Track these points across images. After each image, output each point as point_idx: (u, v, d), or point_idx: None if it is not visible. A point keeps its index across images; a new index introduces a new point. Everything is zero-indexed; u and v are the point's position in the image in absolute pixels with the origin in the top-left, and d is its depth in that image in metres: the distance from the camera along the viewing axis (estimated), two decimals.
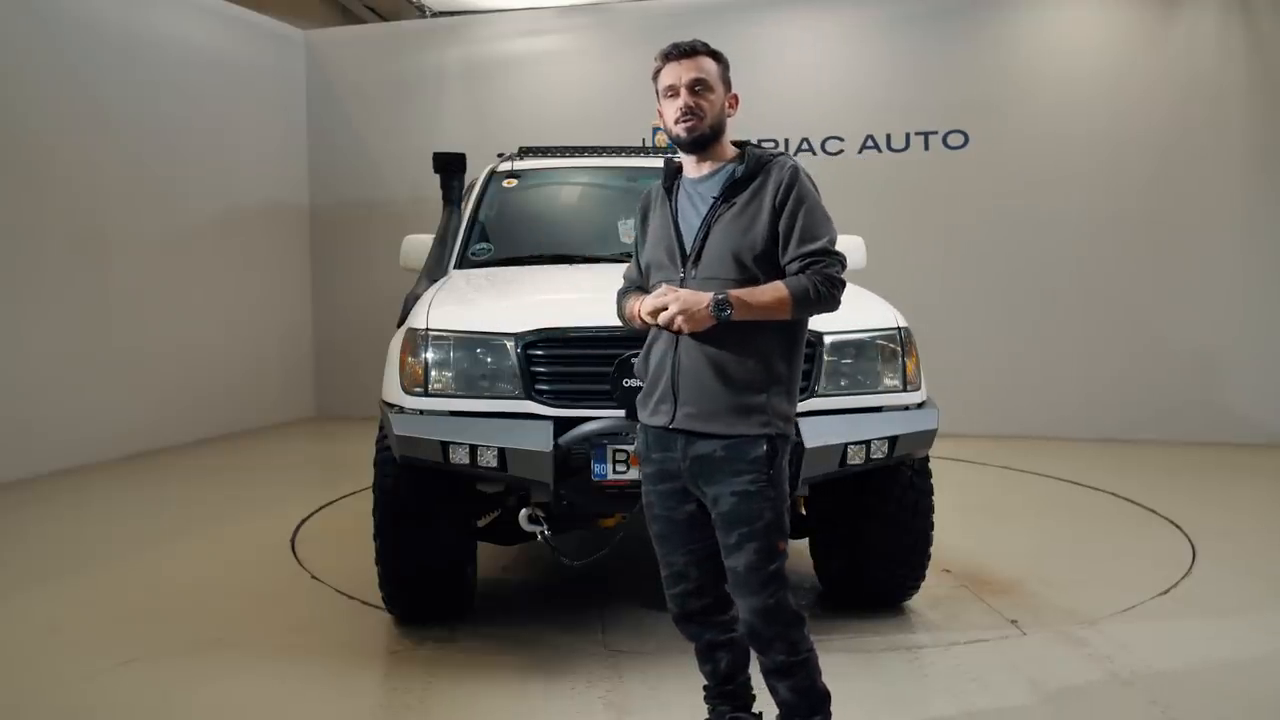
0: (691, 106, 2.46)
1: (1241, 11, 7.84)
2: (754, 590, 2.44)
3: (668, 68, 2.51)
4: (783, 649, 2.47)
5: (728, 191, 2.48)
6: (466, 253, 4.53)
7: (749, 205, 2.45)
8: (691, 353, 2.44)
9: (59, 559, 4.93)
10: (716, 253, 2.44)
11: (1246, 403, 7.84)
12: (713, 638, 2.65)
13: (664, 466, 2.55)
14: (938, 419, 3.57)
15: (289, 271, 9.63)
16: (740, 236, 2.43)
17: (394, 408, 3.52)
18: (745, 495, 2.41)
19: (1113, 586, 4.31)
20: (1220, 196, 7.90)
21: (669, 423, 2.47)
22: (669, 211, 2.57)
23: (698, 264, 2.46)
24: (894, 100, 8.47)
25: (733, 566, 2.46)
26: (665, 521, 2.60)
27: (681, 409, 2.45)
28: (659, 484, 2.58)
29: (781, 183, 2.44)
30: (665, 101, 2.52)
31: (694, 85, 2.47)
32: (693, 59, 2.49)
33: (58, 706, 3.24)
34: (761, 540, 2.42)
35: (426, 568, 3.69)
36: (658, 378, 2.52)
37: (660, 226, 2.58)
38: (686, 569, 2.60)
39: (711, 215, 2.47)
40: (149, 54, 7.93)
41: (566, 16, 9.35)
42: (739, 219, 2.44)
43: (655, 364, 2.54)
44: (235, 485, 6.77)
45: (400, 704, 3.23)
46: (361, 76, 9.76)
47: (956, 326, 8.12)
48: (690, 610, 2.63)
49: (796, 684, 2.50)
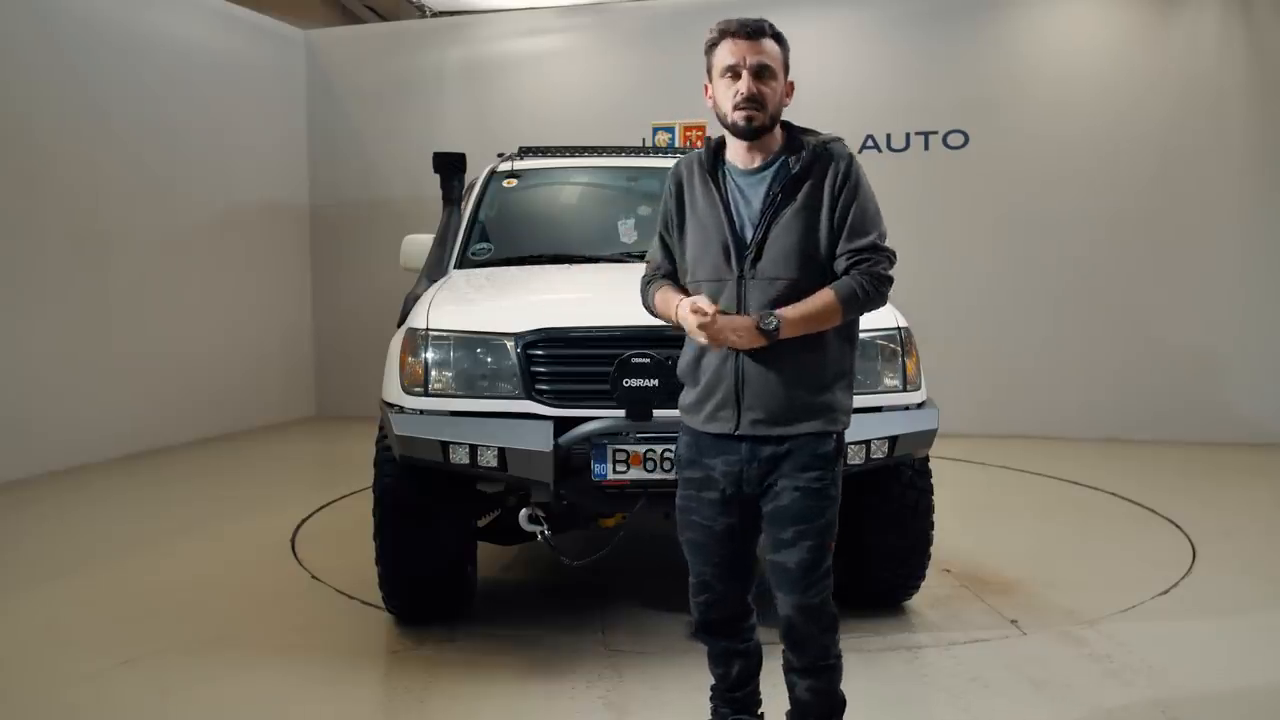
0: (754, 94, 2.31)
1: (1241, 11, 7.84)
2: (802, 588, 2.39)
3: (729, 44, 2.34)
4: (815, 650, 2.44)
5: (788, 187, 2.34)
6: (466, 253, 4.53)
7: (809, 200, 2.34)
8: (757, 356, 2.32)
9: (59, 559, 4.93)
10: (780, 252, 2.32)
11: (1246, 403, 7.84)
12: (729, 645, 2.60)
13: (710, 474, 2.43)
14: (938, 419, 3.57)
15: (289, 271, 9.62)
16: (805, 234, 2.33)
17: (394, 408, 3.52)
18: (808, 492, 2.35)
19: (1113, 586, 4.31)
20: (1220, 196, 7.90)
21: (734, 430, 2.36)
22: (717, 200, 2.40)
23: (758, 263, 2.33)
24: (894, 100, 8.47)
25: (782, 562, 2.39)
26: (703, 530, 2.48)
27: (747, 415, 2.35)
28: (702, 491, 2.46)
29: (839, 174, 2.35)
30: (720, 80, 2.35)
31: (758, 70, 2.32)
32: (758, 40, 2.33)
33: (58, 706, 3.24)
34: (817, 539, 2.38)
35: (426, 568, 3.69)
36: (715, 384, 2.39)
37: (709, 217, 2.41)
38: (715, 581, 2.51)
39: (772, 212, 2.34)
40: (149, 54, 7.93)
41: (566, 16, 9.35)
42: (801, 215, 2.33)
43: (711, 370, 2.40)
44: (235, 485, 6.77)
45: (400, 704, 3.23)
46: (361, 76, 9.76)
47: (957, 326, 8.12)
48: (713, 620, 2.57)
49: (818, 686, 2.47)
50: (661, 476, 3.20)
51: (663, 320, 2.56)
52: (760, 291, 2.33)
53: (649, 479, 3.22)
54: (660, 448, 3.20)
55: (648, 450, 3.21)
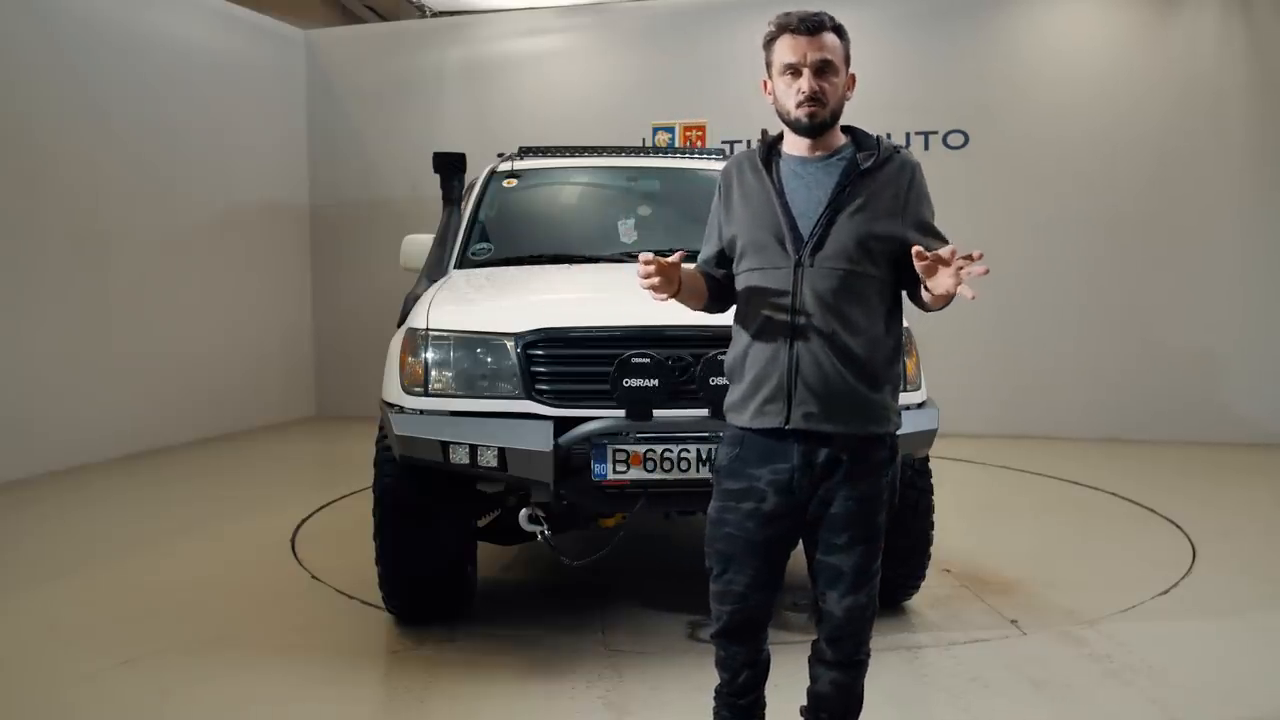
0: (816, 92, 2.27)
1: (1241, 12, 7.85)
2: (856, 589, 2.38)
3: (789, 40, 2.29)
4: (851, 645, 2.44)
5: (856, 181, 2.32)
6: (466, 253, 4.53)
7: (876, 197, 2.32)
8: (812, 345, 2.27)
9: (59, 559, 4.93)
10: (842, 241, 2.28)
11: (1246, 403, 7.84)
12: (744, 652, 2.53)
13: (755, 484, 2.34)
14: (938, 419, 3.57)
15: (289, 271, 9.62)
16: (867, 227, 2.30)
17: (394, 407, 3.52)
18: (864, 499, 2.33)
19: (1113, 586, 4.31)
20: (1220, 197, 7.90)
21: (784, 424, 2.28)
22: (770, 188, 2.36)
23: (818, 251, 2.28)
24: (894, 100, 8.45)
25: (836, 565, 2.36)
26: (739, 543, 2.38)
27: (798, 408, 2.27)
28: (741, 502, 2.36)
29: (909, 180, 2.36)
30: (780, 78, 2.31)
31: (820, 67, 2.27)
32: (819, 36, 2.28)
33: (58, 706, 3.24)
34: (873, 542, 2.37)
35: (426, 568, 3.69)
36: (764, 376, 2.31)
37: (761, 205, 2.36)
38: (748, 592, 2.41)
39: (837, 202, 2.30)
40: (149, 54, 7.93)
41: (566, 16, 9.35)
42: (866, 210, 2.30)
43: (762, 362, 2.31)
44: (235, 485, 6.77)
45: (400, 704, 3.23)
46: (361, 76, 9.77)
47: (956, 326, 8.08)
48: (736, 629, 2.49)
49: (843, 680, 2.46)
50: (661, 476, 3.21)
51: (688, 304, 2.48)
52: (817, 279, 2.29)
53: (649, 479, 3.21)
54: (660, 448, 3.20)
55: (648, 450, 3.21)
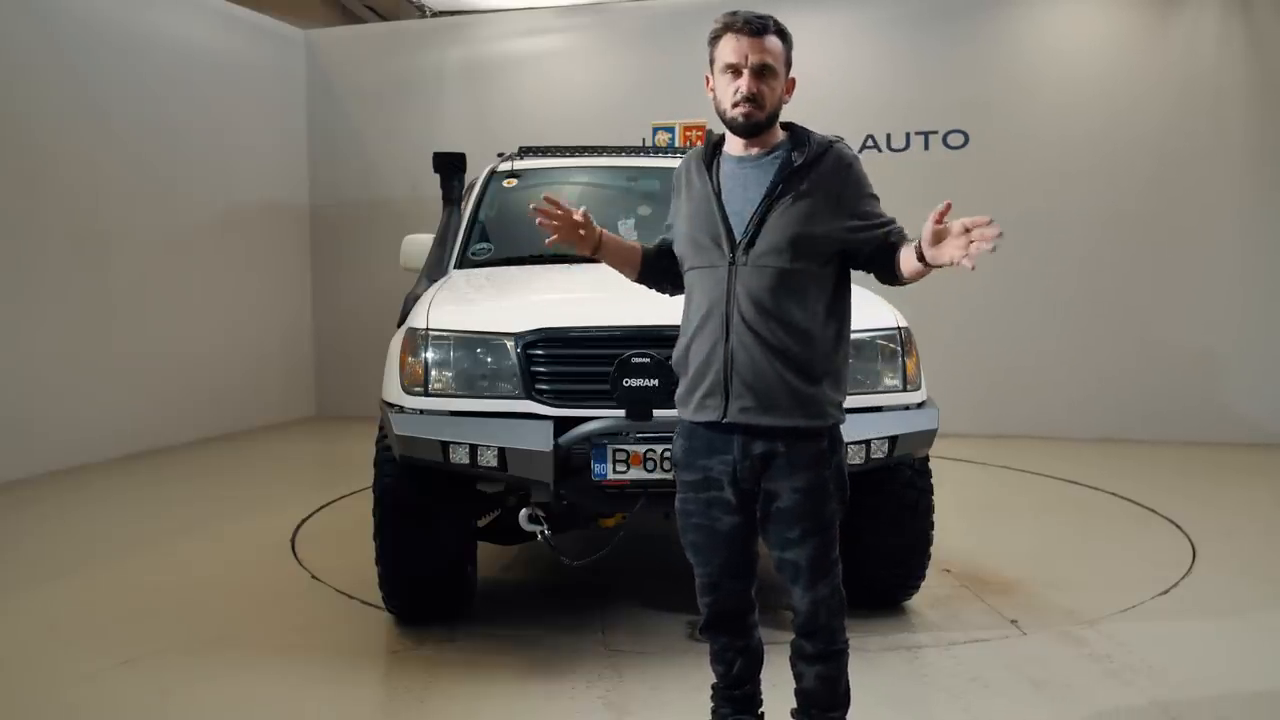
0: (754, 94, 2.31)
1: (1241, 12, 7.84)
2: (816, 582, 2.41)
3: (731, 40, 2.33)
4: (825, 637, 2.46)
5: (789, 178, 2.35)
6: (466, 252, 4.53)
7: (810, 193, 2.34)
8: (745, 341, 2.32)
9: (59, 559, 4.93)
10: (774, 239, 2.33)
11: (1246, 403, 7.84)
12: (731, 641, 2.59)
13: (709, 474, 2.42)
14: (938, 419, 3.58)
15: (289, 271, 9.62)
16: (801, 224, 2.33)
17: (394, 407, 3.52)
18: (808, 491, 2.36)
19: (1113, 586, 4.31)
20: (1220, 196, 7.90)
21: (721, 417, 2.35)
22: (710, 190, 2.42)
23: (750, 249, 2.33)
24: (894, 100, 8.47)
25: (793, 560, 2.41)
26: (705, 531, 2.48)
27: (735, 402, 2.33)
28: (701, 492, 2.45)
29: (844, 173, 2.38)
30: (721, 76, 2.36)
31: (760, 69, 2.31)
32: (761, 38, 2.32)
33: (58, 706, 3.24)
34: (823, 534, 2.40)
35: (426, 567, 3.69)
36: (704, 370, 2.38)
37: (700, 205, 2.43)
38: (721, 579, 2.51)
39: (769, 200, 2.35)
40: (149, 54, 7.92)
41: (566, 16, 9.35)
42: (800, 207, 2.33)
43: (702, 356, 2.38)
44: (235, 485, 6.77)
45: (400, 704, 3.23)
46: (361, 76, 9.76)
47: (956, 326, 8.12)
48: (720, 619, 2.56)
49: (826, 672, 2.48)
50: (661, 476, 3.20)
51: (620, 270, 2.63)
52: (751, 277, 2.33)
53: (649, 479, 3.22)
54: (660, 448, 3.20)
55: (648, 450, 3.22)
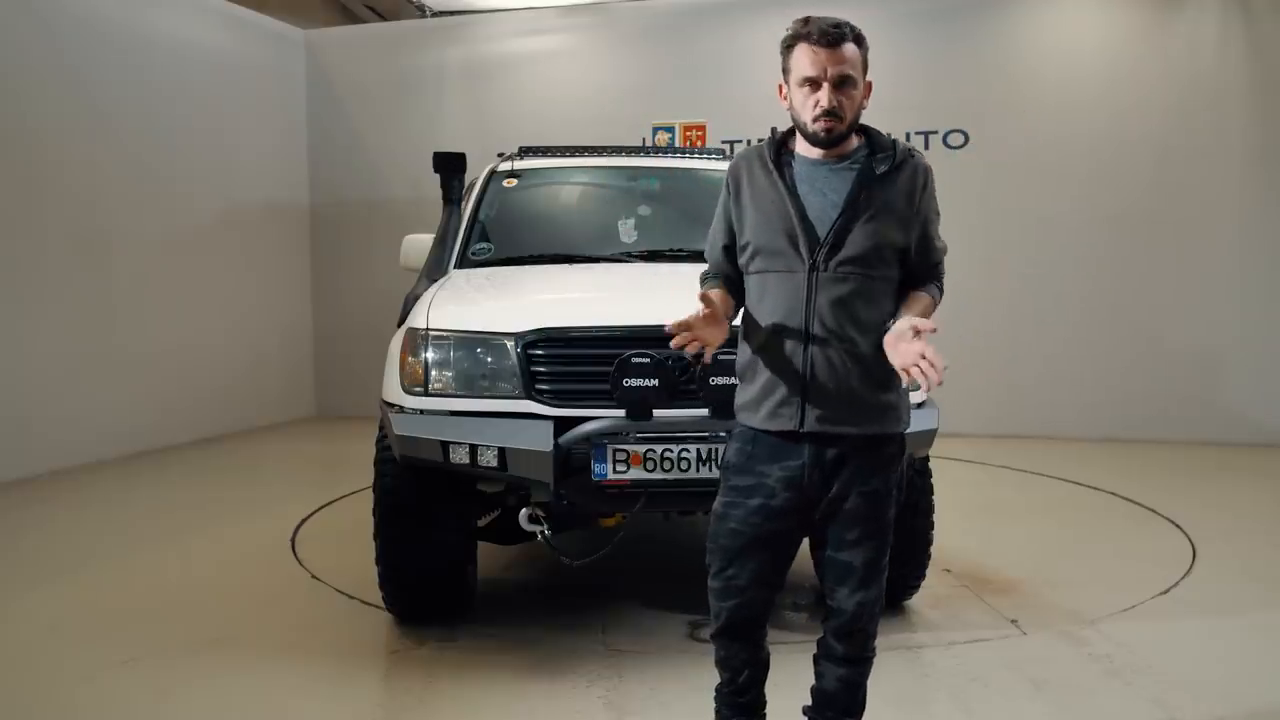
0: (834, 107, 2.25)
1: (1241, 12, 7.85)
2: (866, 584, 2.39)
3: (808, 52, 2.26)
4: (860, 642, 2.45)
5: (872, 185, 2.31)
6: (466, 252, 4.53)
7: (890, 202, 2.31)
8: (826, 350, 2.27)
9: (59, 559, 4.93)
10: (857, 247, 2.27)
11: (1246, 403, 7.85)
12: (744, 649, 2.53)
13: (764, 480, 2.35)
14: (938, 419, 3.57)
15: (289, 271, 9.63)
16: (883, 234, 2.29)
17: (394, 407, 3.52)
18: (873, 494, 2.34)
19: (1113, 586, 4.31)
20: (1220, 196, 7.90)
21: (798, 426, 2.29)
22: (782, 189, 2.33)
23: (834, 254, 2.27)
24: (894, 100, 8.40)
25: (847, 560, 2.37)
26: (748, 538, 2.38)
27: (813, 412, 2.28)
28: (749, 498, 2.37)
29: (920, 185, 2.36)
30: (798, 89, 2.30)
31: (839, 81, 2.25)
32: (839, 48, 2.24)
33: (58, 706, 3.24)
34: (881, 538, 2.39)
35: (426, 567, 3.69)
36: (779, 378, 2.31)
37: (774, 207, 2.33)
38: (749, 585, 2.42)
39: (853, 208, 2.29)
40: (149, 54, 7.93)
41: (566, 16, 9.35)
42: (880, 215, 2.29)
43: (777, 365, 2.31)
44: (235, 485, 6.78)
45: (400, 704, 3.23)
46: (361, 76, 9.77)
47: (956, 326, 8.04)
48: (736, 626, 2.49)
49: (850, 677, 2.48)
50: (661, 476, 3.21)
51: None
52: (832, 284, 2.29)
53: (649, 479, 3.21)
54: (660, 448, 3.20)
55: (648, 450, 3.21)
